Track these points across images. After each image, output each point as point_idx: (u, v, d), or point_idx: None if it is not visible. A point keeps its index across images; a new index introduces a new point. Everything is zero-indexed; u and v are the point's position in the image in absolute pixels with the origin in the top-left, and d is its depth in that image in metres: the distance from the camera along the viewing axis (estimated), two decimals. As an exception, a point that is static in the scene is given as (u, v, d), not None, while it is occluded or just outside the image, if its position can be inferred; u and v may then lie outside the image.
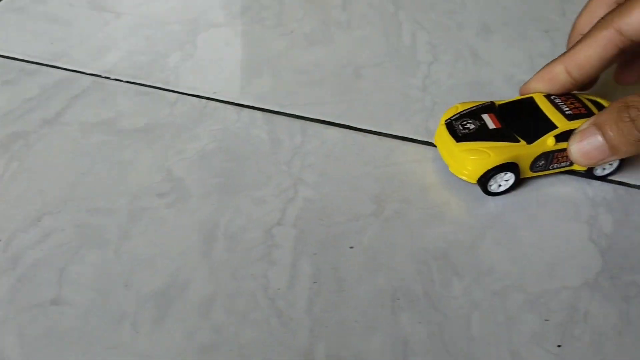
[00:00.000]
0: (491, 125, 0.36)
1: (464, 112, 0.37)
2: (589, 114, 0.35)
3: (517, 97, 0.38)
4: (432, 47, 0.47)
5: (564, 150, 0.35)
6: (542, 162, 0.36)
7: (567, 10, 0.52)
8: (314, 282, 0.32)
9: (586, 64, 0.35)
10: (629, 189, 0.37)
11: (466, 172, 0.35)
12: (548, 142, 0.35)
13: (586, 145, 0.33)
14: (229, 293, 0.31)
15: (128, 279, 0.32)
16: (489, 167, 0.34)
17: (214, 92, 0.42)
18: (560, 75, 0.36)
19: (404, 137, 0.40)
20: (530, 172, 0.36)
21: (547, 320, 0.30)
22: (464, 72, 0.45)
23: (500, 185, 0.35)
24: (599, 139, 0.33)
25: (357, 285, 0.32)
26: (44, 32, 0.48)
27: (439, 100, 0.43)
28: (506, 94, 0.43)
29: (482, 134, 0.35)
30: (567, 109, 0.36)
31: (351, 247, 0.33)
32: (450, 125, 0.36)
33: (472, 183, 0.35)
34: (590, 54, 0.35)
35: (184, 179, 0.37)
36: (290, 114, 0.41)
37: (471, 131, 0.36)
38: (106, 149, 0.39)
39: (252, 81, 0.43)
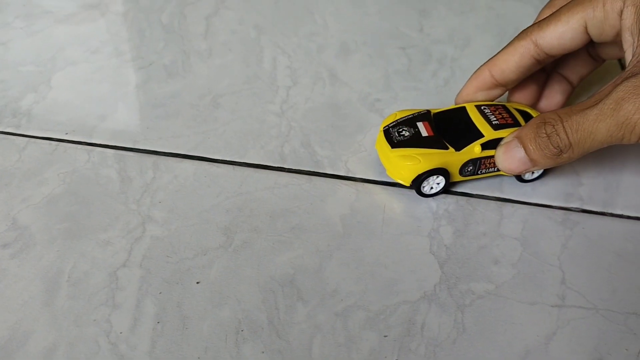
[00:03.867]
0: (424, 132, 0.38)
1: (401, 120, 0.39)
2: (515, 124, 0.38)
3: (452, 106, 0.40)
4: (291, 71, 0.48)
5: (491, 157, 0.37)
6: (471, 167, 0.38)
7: (425, 26, 0.54)
8: (158, 322, 0.32)
9: (506, 69, 0.38)
10: (470, 199, 0.39)
11: (400, 177, 0.37)
12: (475, 149, 0.37)
13: (510, 157, 0.36)
14: (70, 341, 0.31)
15: (-36, 338, 0.31)
16: (420, 172, 0.37)
17: (66, 133, 0.42)
18: (486, 79, 0.39)
19: (257, 164, 0.40)
20: (460, 177, 0.38)
21: (385, 336, 0.32)
22: (321, 95, 0.46)
23: (432, 188, 0.38)
24: (521, 152, 0.35)
25: (201, 321, 0.32)
26: None
27: (295, 124, 0.43)
28: (361, 113, 0.45)
29: (415, 141, 0.37)
30: (495, 118, 0.38)
31: (197, 283, 0.33)
32: (388, 132, 0.38)
33: (406, 186, 0.38)
34: (509, 59, 0.38)
35: (29, 227, 0.36)
36: (143, 150, 0.41)
37: (406, 138, 0.38)
38: (-51, 201, 0.37)
39: (106, 118, 0.43)
